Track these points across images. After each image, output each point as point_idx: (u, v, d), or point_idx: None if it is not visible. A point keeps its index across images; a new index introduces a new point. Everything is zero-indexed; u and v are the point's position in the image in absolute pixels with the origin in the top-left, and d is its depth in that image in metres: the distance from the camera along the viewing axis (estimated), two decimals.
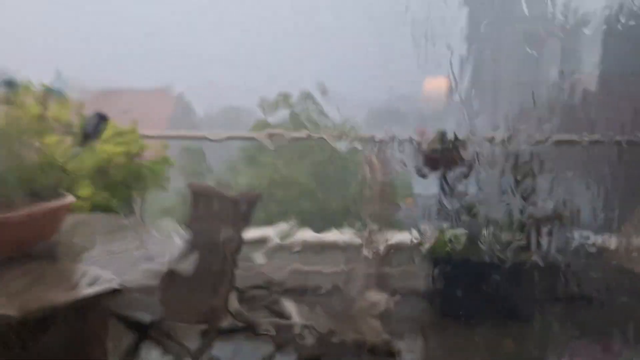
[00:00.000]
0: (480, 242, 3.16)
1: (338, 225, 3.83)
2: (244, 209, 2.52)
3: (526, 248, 3.22)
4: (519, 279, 3.14)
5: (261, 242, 3.58)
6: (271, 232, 3.71)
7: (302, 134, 3.95)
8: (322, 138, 3.91)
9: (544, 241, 3.26)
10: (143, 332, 2.46)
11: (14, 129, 2.11)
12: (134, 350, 2.49)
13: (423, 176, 3.31)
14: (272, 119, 5.82)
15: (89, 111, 2.55)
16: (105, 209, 3.13)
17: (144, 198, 3.56)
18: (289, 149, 6.64)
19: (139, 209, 3.45)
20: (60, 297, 1.71)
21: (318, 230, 3.88)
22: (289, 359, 2.77)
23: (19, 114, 2.34)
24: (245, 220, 2.52)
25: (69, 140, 2.34)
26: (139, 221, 2.78)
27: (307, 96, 7.04)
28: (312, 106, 6.94)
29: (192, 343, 2.48)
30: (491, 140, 3.62)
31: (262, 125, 5.52)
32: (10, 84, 2.03)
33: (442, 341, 3.15)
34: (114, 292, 1.82)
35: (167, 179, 3.55)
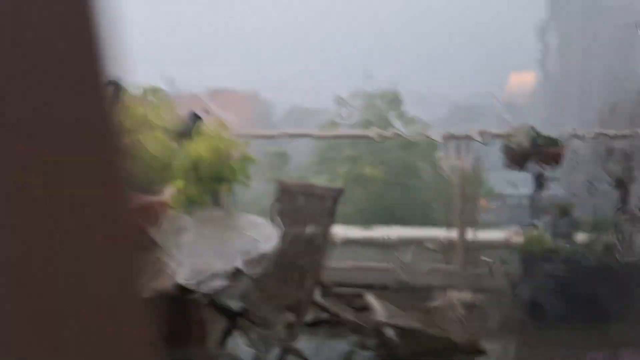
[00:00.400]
0: (573, 241, 3.03)
1: (420, 222, 3.81)
2: (329, 205, 2.57)
3: (619, 247, 3.06)
4: (612, 278, 2.99)
5: (345, 238, 3.62)
6: (353, 229, 3.76)
7: (390, 133, 3.93)
8: (402, 135, 3.90)
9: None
10: (234, 319, 2.57)
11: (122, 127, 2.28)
12: (225, 336, 2.61)
13: (519, 170, 3.18)
14: (346, 118, 5.86)
15: (183, 111, 2.71)
16: (196, 202, 3.29)
17: (231, 194, 3.71)
18: (365, 148, 6.69)
19: (227, 204, 3.59)
20: (163, 284, 1.83)
21: (400, 226, 3.88)
22: (370, 355, 2.79)
23: (124, 114, 2.54)
24: (331, 215, 2.57)
25: (168, 137, 2.50)
26: (229, 215, 2.89)
27: (384, 95, 7.04)
28: (387, 105, 6.94)
29: (278, 333, 2.57)
30: (580, 136, 3.47)
31: (333, 124, 5.59)
32: (117, 85, 2.18)
33: (530, 341, 3.05)
34: (211, 280, 1.92)
35: (250, 176, 3.67)
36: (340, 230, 3.68)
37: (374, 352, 2.73)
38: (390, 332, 2.52)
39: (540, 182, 3.14)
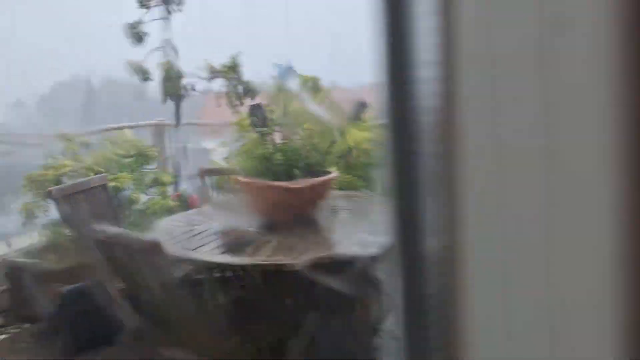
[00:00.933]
0: None
1: None
2: None
3: None
4: None
5: None
6: None
7: None
8: None
9: None
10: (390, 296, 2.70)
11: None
12: (381, 312, 2.75)
13: None
14: None
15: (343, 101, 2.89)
16: (349, 187, 3.49)
17: (383, 178, 3.84)
18: None
19: (378, 190, 3.74)
20: (325, 255, 2.00)
21: None
22: None
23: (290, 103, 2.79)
24: None
25: (331, 125, 2.69)
26: (385, 200, 3.02)
27: None
28: None
29: None
30: None
31: None
32: (288, 74, 2.40)
33: None
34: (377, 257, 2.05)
35: None
36: None
37: None
38: None
39: None
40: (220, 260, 1.90)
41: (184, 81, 4.20)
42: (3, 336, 3.18)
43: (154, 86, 4.18)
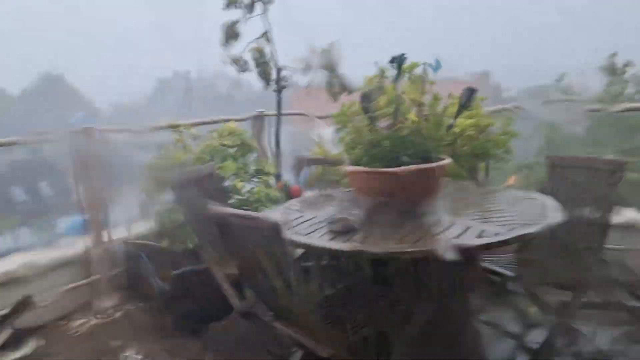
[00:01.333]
0: None
1: None
2: (611, 179, 2.38)
3: None
4: None
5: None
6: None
7: None
8: None
9: None
10: (501, 287, 2.58)
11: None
12: (487, 303, 2.64)
13: None
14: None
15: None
16: (454, 176, 3.38)
17: (488, 168, 3.70)
18: None
19: (483, 178, 3.60)
20: (437, 244, 1.92)
21: None
22: None
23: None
24: (612, 191, 2.37)
25: (440, 113, 2.61)
26: (494, 188, 2.89)
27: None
28: None
29: (546, 310, 2.50)
30: None
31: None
32: (400, 61, 2.35)
33: None
34: (488, 247, 1.95)
35: (510, 151, 3.60)
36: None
37: None
38: None
39: None
40: (333, 247, 1.90)
41: (283, 72, 4.27)
42: (124, 312, 3.42)
43: (252, 79, 4.29)
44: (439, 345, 2.20)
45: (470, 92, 2.42)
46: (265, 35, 4.22)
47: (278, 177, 4.23)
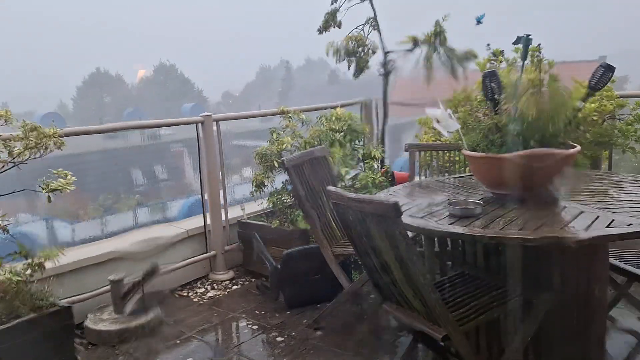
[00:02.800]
0: None
1: None
2: None
3: None
4: None
5: None
6: None
7: None
8: None
9: None
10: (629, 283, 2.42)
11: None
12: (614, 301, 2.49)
13: None
14: None
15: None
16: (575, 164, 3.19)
17: (611, 157, 3.46)
18: None
19: (605, 167, 3.38)
20: (569, 233, 1.83)
21: None
22: None
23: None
24: None
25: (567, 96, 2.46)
26: (622, 176, 2.68)
27: None
28: None
29: None
30: None
31: None
32: (526, 42, 2.24)
33: None
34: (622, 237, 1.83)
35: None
36: None
37: None
38: None
39: None
40: (455, 231, 1.88)
41: (389, 57, 4.25)
42: (236, 286, 3.63)
43: (354, 65, 4.31)
44: (559, 339, 2.11)
45: (603, 71, 2.25)
46: (371, 20, 4.22)
47: (382, 162, 4.24)
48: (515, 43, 2.26)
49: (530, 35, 2.24)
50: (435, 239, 2.38)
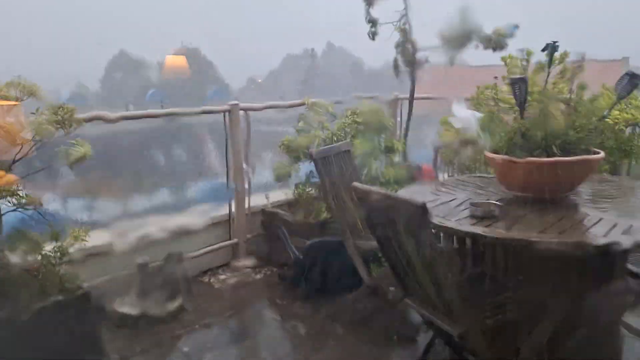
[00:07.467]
0: None
1: None
2: None
3: None
4: None
5: None
6: None
7: None
8: None
9: None
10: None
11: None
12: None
13: None
14: None
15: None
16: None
17: (630, 167, 3.45)
18: None
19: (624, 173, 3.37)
20: (589, 238, 1.87)
21: None
22: None
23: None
24: None
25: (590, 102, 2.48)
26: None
27: None
28: None
29: None
30: None
31: None
32: (553, 49, 2.27)
33: None
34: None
35: None
36: None
37: None
38: None
39: None
40: (477, 232, 1.93)
41: (419, 54, 4.27)
42: (259, 275, 3.73)
43: (369, 58, 4.31)
44: (573, 344, 2.16)
45: (629, 78, 2.27)
46: (405, 14, 4.23)
47: (405, 156, 4.28)
48: (543, 50, 2.28)
49: (557, 42, 2.26)
50: (454, 237, 2.43)
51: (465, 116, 2.46)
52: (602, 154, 2.20)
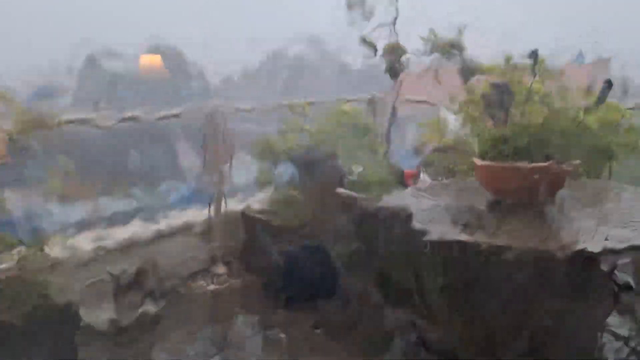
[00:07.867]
0: None
1: None
2: None
3: None
4: None
5: None
6: None
7: None
8: None
9: None
10: (618, 295, 2.46)
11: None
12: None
13: None
14: None
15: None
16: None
17: (611, 167, 3.49)
18: None
19: (607, 176, 3.41)
20: (558, 246, 1.87)
21: None
22: None
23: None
24: None
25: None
26: (618, 187, 2.71)
27: None
28: None
29: None
30: None
31: None
32: (536, 55, 2.28)
33: None
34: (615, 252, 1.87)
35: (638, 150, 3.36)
36: None
37: None
38: None
39: None
40: (459, 239, 1.92)
41: (404, 57, 4.25)
42: (238, 281, 3.63)
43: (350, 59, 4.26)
44: (554, 347, 2.16)
45: (606, 86, 2.31)
46: (394, 21, 4.20)
47: (387, 159, 4.25)
48: (529, 56, 2.30)
49: (537, 49, 2.28)
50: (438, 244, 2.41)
51: (449, 119, 2.45)
52: (577, 162, 2.22)
